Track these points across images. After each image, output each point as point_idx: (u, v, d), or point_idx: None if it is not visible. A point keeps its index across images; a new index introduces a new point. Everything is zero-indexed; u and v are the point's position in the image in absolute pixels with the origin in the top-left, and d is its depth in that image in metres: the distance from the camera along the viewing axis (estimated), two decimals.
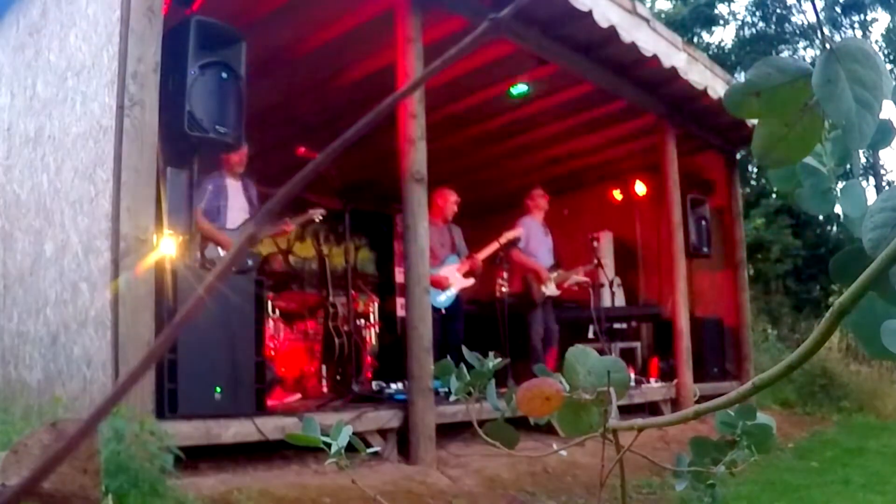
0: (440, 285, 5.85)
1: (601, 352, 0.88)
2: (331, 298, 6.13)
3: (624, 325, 7.81)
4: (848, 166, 0.64)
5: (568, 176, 8.33)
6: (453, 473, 4.17)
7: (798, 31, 16.96)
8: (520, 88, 6.37)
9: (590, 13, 4.83)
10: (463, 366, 1.11)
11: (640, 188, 8.47)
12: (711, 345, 7.50)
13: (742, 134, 7.63)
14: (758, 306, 11.29)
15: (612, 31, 5.08)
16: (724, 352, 7.83)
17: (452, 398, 1.11)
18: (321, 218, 5.38)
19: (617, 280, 7.36)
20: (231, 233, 4.84)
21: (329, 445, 1.03)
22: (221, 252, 4.77)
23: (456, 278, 6.01)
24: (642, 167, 8.34)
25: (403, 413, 4.29)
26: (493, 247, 6.19)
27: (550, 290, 6.50)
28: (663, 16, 16.00)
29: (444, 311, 5.85)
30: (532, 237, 6.55)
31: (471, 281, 6.16)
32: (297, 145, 4.93)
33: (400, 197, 4.51)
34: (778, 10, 16.96)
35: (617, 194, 8.79)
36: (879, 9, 16.33)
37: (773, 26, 17.09)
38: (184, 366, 3.47)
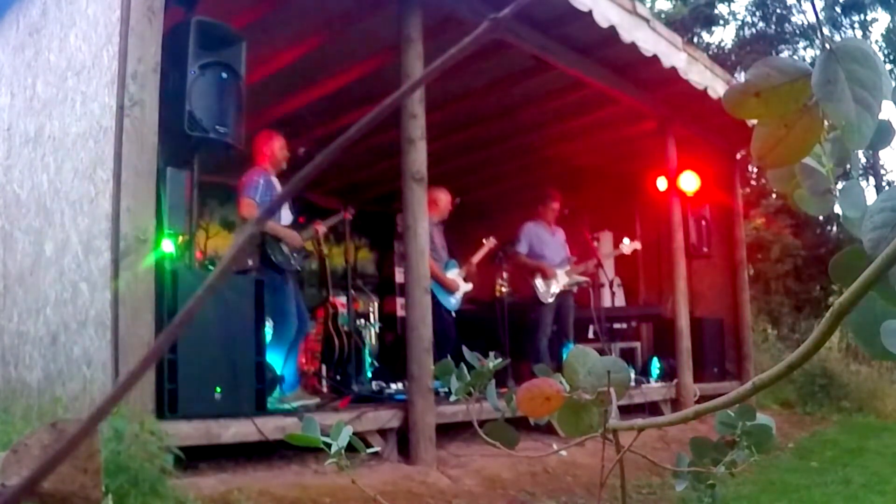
0: (453, 288, 5.91)
1: (601, 352, 0.88)
2: (331, 298, 6.13)
3: (624, 325, 7.81)
4: (847, 167, 0.64)
5: (568, 176, 8.32)
6: (453, 473, 4.17)
7: (798, 31, 16.96)
8: None
9: (590, 13, 4.82)
10: (463, 366, 1.11)
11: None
12: (711, 345, 7.50)
13: (742, 134, 7.62)
14: (758, 306, 11.28)
15: (612, 31, 5.07)
16: (724, 352, 7.83)
17: (452, 398, 1.11)
18: (352, 216, 5.38)
19: (617, 280, 7.35)
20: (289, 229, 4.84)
21: (329, 445, 1.03)
22: (285, 249, 4.76)
23: (460, 283, 6.06)
24: (642, 167, 8.33)
25: (403, 413, 4.29)
26: (483, 250, 6.22)
27: (556, 287, 6.47)
28: (663, 16, 15.98)
29: (454, 313, 5.91)
30: (535, 242, 6.55)
31: (470, 286, 6.21)
32: (297, 145, 4.93)
33: (400, 197, 4.51)
34: (778, 10, 16.96)
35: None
36: (879, 9, 16.32)
37: (773, 26, 17.09)
38: (184, 366, 3.47)
